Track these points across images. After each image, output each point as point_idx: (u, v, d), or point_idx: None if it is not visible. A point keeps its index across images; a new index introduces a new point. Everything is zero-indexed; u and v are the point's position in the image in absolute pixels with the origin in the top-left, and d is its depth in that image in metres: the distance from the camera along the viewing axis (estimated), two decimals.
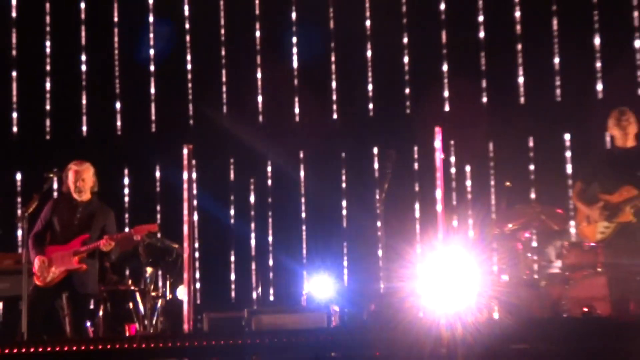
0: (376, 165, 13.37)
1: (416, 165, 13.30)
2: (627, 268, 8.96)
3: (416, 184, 13.27)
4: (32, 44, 14.06)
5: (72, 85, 13.97)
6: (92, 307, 10.80)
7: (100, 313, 11.08)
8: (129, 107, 14.01)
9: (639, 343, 7.16)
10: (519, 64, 13.31)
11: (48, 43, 14.08)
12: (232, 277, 13.62)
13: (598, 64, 13.11)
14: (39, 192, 9.61)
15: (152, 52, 13.98)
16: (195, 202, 9.85)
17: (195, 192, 9.79)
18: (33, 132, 14.00)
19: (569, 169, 13.06)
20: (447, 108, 13.42)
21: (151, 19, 14.01)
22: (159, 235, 11.64)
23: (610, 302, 9.25)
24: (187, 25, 13.95)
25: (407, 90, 13.54)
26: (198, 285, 13.23)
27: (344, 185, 13.56)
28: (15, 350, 7.55)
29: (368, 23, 13.64)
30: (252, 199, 13.75)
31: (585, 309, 10.21)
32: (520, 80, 13.31)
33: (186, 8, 13.95)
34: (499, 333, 7.21)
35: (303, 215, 13.55)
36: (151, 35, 14.00)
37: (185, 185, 9.39)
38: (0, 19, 14.08)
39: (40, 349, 7.58)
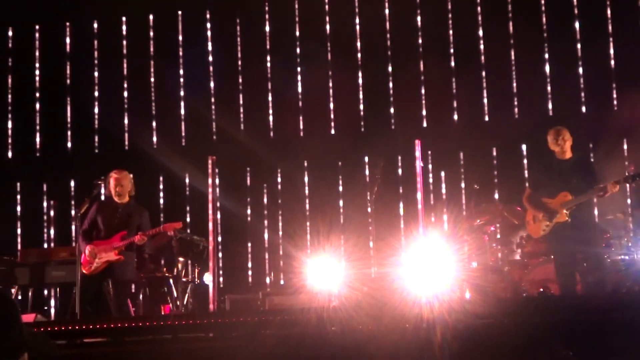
0: (367, 172, 13.31)
1: (400, 172, 13.23)
2: (573, 255, 8.95)
3: (400, 187, 13.20)
4: (82, 74, 14.03)
5: (116, 108, 13.92)
6: (133, 291, 10.78)
7: (141, 296, 11.05)
8: (163, 125, 13.96)
9: (585, 316, 7.11)
10: (484, 88, 13.26)
11: (96, 73, 14.04)
12: (249, 264, 13.56)
13: (549, 88, 13.07)
14: (89, 196, 9.56)
15: (181, 79, 13.92)
16: (218, 204, 9.80)
17: (218, 195, 9.74)
18: (84, 147, 13.95)
19: (525, 174, 13.00)
20: (425, 124, 13.37)
21: (181, 52, 13.96)
22: (188, 230, 11.60)
23: (558, 283, 9.21)
24: (210, 58, 13.90)
25: (392, 110, 13.49)
26: (221, 272, 13.17)
27: (340, 188, 13.50)
28: (70, 327, 7.49)
29: (359, 55, 13.59)
30: (265, 200, 13.69)
31: (541, 290, 10.18)
32: (485, 101, 13.26)
33: (209, 44, 13.91)
34: (469, 310, 7.14)
35: (307, 213, 13.49)
36: (181, 65, 13.95)
37: (210, 190, 9.35)
38: (57, 54, 14.05)
39: (91, 326, 7.53)
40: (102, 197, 10.07)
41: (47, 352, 3.24)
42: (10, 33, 14.19)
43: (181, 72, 13.93)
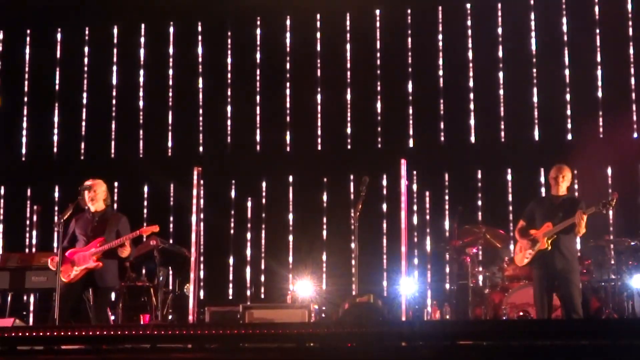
0: (352, 189, 13.30)
1: (385, 190, 13.23)
2: (550, 281, 9.08)
3: (384, 205, 13.20)
4: (72, 81, 14.02)
5: (104, 115, 13.92)
6: (113, 299, 10.70)
7: (120, 304, 10.98)
8: (150, 135, 13.94)
9: (564, 340, 7.09)
10: (471, 110, 13.29)
11: (85, 80, 14.02)
12: (230, 277, 13.51)
13: (535, 113, 13.12)
14: (72, 202, 9.44)
15: (170, 92, 13.91)
16: (202, 215, 9.77)
17: (202, 206, 9.71)
18: (70, 153, 13.91)
19: (509, 197, 13.03)
20: (411, 144, 13.38)
21: (171, 62, 13.96)
22: (171, 241, 11.55)
23: (535, 307, 9.31)
24: (200, 69, 13.90)
25: (379, 129, 13.50)
26: (202, 283, 13.11)
27: (325, 204, 13.49)
28: (48, 333, 7.42)
29: (348, 74, 13.61)
30: (248, 213, 13.66)
31: (521, 313, 10.19)
32: (471, 123, 13.30)
33: (200, 52, 13.90)
34: (449, 330, 7.12)
35: (290, 228, 13.46)
36: (170, 75, 13.96)
37: (194, 201, 9.31)
38: (47, 60, 14.04)
39: (69, 333, 7.46)
40: (80, 210, 9.83)
41: None
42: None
43: (170, 82, 13.92)
